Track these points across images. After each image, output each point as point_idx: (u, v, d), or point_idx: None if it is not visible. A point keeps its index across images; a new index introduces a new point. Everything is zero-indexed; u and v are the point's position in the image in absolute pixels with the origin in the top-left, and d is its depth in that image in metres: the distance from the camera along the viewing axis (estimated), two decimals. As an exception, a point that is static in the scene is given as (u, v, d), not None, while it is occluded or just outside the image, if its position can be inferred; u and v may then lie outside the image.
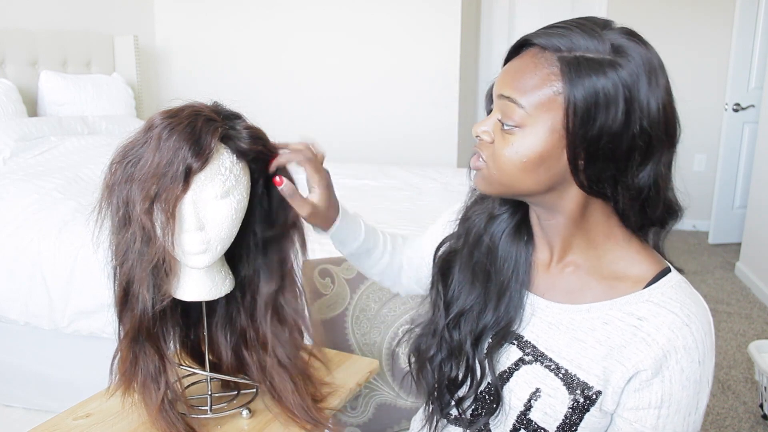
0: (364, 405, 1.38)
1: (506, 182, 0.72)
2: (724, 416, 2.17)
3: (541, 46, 0.68)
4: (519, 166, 0.69)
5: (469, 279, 0.84)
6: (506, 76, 0.70)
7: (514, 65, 0.70)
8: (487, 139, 0.72)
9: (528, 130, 0.68)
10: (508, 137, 0.69)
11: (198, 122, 0.78)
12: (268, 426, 0.94)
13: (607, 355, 0.72)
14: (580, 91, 0.64)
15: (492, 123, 0.72)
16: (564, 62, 0.65)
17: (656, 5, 4.23)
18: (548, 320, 0.78)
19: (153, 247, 0.80)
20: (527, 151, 0.68)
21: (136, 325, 0.84)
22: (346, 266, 1.44)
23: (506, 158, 0.70)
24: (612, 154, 0.67)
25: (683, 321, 0.69)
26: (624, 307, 0.72)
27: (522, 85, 0.68)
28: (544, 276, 0.81)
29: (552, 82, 0.66)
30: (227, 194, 0.82)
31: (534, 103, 0.67)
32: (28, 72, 2.94)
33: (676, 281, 0.73)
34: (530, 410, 0.75)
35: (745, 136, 3.97)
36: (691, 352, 0.69)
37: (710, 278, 3.55)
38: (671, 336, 0.69)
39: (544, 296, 0.80)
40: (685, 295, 0.71)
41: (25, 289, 1.95)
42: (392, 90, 3.73)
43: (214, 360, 1.00)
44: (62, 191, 2.16)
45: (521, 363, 0.78)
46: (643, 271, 0.74)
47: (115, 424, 0.92)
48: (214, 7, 3.85)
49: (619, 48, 0.65)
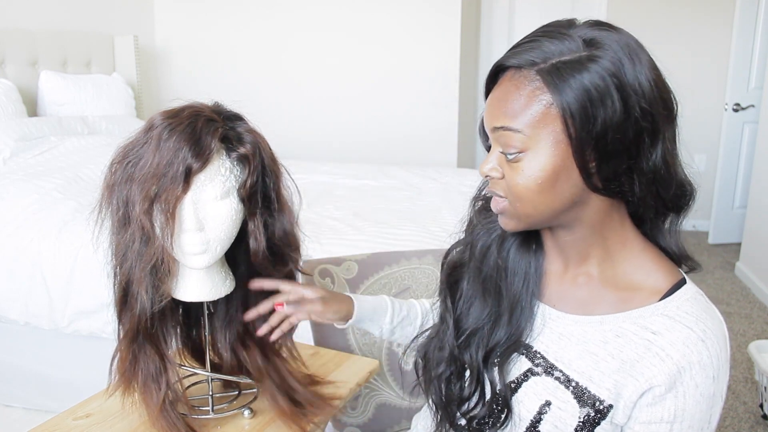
0: (364, 405, 1.38)
1: (530, 211, 0.70)
2: (724, 416, 2.17)
3: (516, 67, 0.67)
4: (536, 189, 0.67)
5: (479, 294, 0.82)
6: (492, 107, 0.69)
7: (496, 94, 0.69)
8: (497, 176, 0.70)
9: (532, 151, 0.66)
10: (516, 166, 0.68)
11: (198, 123, 0.78)
12: (269, 426, 0.94)
13: (619, 368, 0.70)
14: (569, 95, 0.63)
15: (495, 158, 0.70)
16: (544, 73, 0.64)
17: (656, 5, 4.23)
18: (559, 331, 0.77)
19: (152, 248, 0.80)
20: (539, 172, 0.66)
21: (135, 325, 0.84)
22: (346, 266, 1.44)
23: (522, 186, 0.68)
24: (622, 145, 0.65)
25: (699, 336, 0.67)
26: (638, 320, 0.71)
27: (511, 110, 0.66)
28: (556, 286, 0.79)
29: (539, 96, 0.65)
30: (227, 195, 0.82)
31: (529, 124, 0.65)
32: (28, 72, 2.94)
33: (691, 294, 0.71)
34: (540, 422, 0.74)
35: (745, 136, 3.97)
36: (706, 368, 0.67)
37: (710, 278, 3.55)
38: (686, 352, 0.67)
39: (556, 306, 0.78)
40: (701, 310, 0.70)
41: (25, 289, 1.95)
42: (392, 90, 3.73)
43: (216, 360, 1.00)
44: (62, 191, 2.16)
45: (530, 374, 0.77)
46: (659, 283, 0.72)
47: (115, 424, 0.92)
48: (214, 7, 3.85)
49: (591, 41, 0.64)
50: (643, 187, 0.68)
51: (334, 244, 1.81)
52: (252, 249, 0.88)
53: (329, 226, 2.04)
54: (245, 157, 0.83)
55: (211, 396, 0.97)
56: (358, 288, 1.43)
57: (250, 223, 0.87)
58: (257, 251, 0.88)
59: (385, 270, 1.41)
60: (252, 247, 0.88)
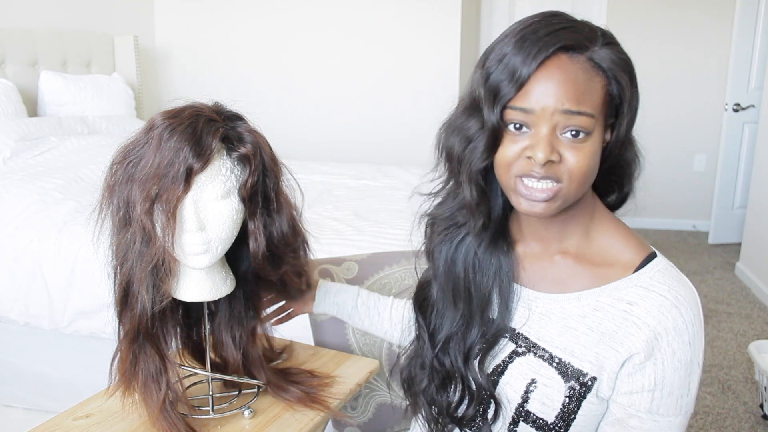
0: (364, 405, 1.38)
1: (579, 192, 0.71)
2: (724, 416, 2.17)
3: (567, 50, 0.68)
4: (594, 169, 0.71)
5: (450, 302, 0.84)
6: (561, 88, 0.67)
7: (559, 76, 0.67)
8: (557, 159, 0.69)
9: (595, 133, 0.69)
10: (581, 147, 0.68)
11: (199, 123, 0.78)
12: (269, 426, 0.94)
13: (599, 341, 0.73)
14: (619, 75, 0.69)
15: (552, 141, 0.68)
16: (597, 59, 0.68)
17: (656, 5, 4.23)
18: (539, 311, 0.79)
19: (153, 248, 0.80)
20: (596, 154, 0.70)
21: (135, 325, 0.84)
22: (347, 266, 1.44)
23: (587, 167, 0.69)
24: (628, 118, 0.72)
25: (672, 303, 0.70)
26: (613, 293, 0.74)
27: (584, 93, 0.67)
28: (533, 267, 0.81)
29: (597, 80, 0.68)
30: (228, 195, 0.82)
31: (596, 107, 0.68)
32: (28, 72, 2.94)
33: (663, 265, 0.74)
34: (527, 402, 0.76)
35: (745, 136, 3.97)
36: (681, 333, 0.70)
37: (710, 278, 3.55)
38: (661, 318, 0.70)
39: (535, 287, 0.80)
40: (672, 279, 0.73)
41: (25, 289, 1.95)
42: (392, 90, 3.73)
43: (217, 360, 1.00)
44: (62, 191, 2.16)
45: (515, 355, 0.79)
46: (631, 257, 0.75)
47: (115, 424, 0.92)
48: (214, 7, 3.85)
49: (603, 33, 0.70)
50: (622, 156, 0.75)
51: (334, 244, 1.81)
52: (252, 250, 0.88)
53: (329, 226, 2.04)
54: (246, 157, 0.83)
55: (211, 396, 0.97)
56: (359, 288, 1.43)
57: (250, 224, 0.87)
58: (257, 252, 0.88)
59: (385, 270, 1.41)
60: (252, 248, 0.88)
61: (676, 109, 4.30)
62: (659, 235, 4.38)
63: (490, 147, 0.72)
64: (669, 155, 4.39)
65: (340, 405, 1.03)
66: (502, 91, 0.68)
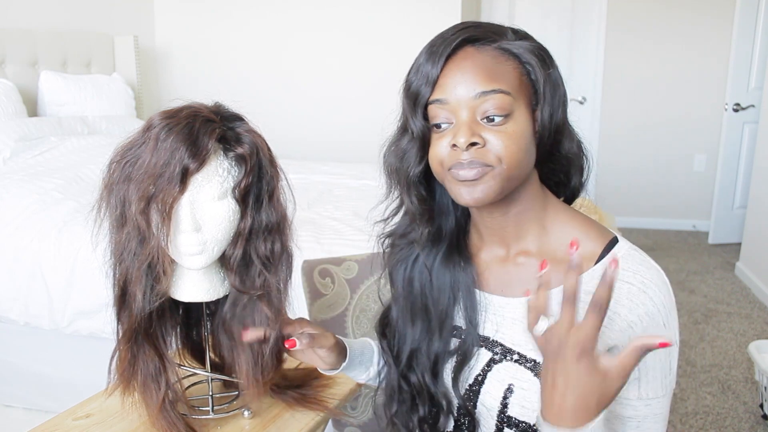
0: (364, 405, 1.38)
1: (517, 173, 0.72)
2: (724, 416, 2.17)
3: (474, 42, 0.72)
4: (524, 149, 0.71)
5: (408, 320, 0.85)
6: (472, 74, 0.70)
7: (467, 64, 0.71)
8: (481, 143, 0.70)
9: (516, 113, 0.71)
10: (503, 128, 0.70)
11: (196, 123, 0.78)
12: (269, 426, 0.94)
13: None
14: (531, 59, 0.72)
15: (472, 126, 0.70)
16: (507, 46, 0.72)
17: (656, 5, 4.23)
18: (510, 316, 0.79)
19: (147, 247, 0.79)
20: (524, 132, 0.71)
21: (133, 324, 0.84)
22: (346, 266, 1.44)
23: (515, 148, 0.70)
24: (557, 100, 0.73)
25: (639, 288, 0.70)
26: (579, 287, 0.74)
27: (498, 74, 0.70)
28: (499, 273, 0.81)
29: (510, 63, 0.71)
30: (225, 195, 0.82)
31: (514, 86, 0.70)
32: (28, 72, 2.94)
33: (625, 250, 0.74)
34: (507, 407, 0.76)
35: (745, 136, 3.97)
36: (654, 317, 0.70)
37: (710, 278, 3.55)
38: (631, 306, 0.70)
39: (503, 293, 0.81)
40: (636, 263, 0.73)
41: (25, 289, 1.96)
42: (392, 90, 3.70)
43: (217, 360, 1.00)
44: (62, 191, 2.16)
45: (492, 363, 0.79)
46: (592, 247, 0.75)
47: (115, 424, 0.92)
48: (214, 7, 3.85)
49: (515, 30, 0.74)
50: (561, 144, 0.76)
51: (334, 244, 1.81)
52: (226, 253, 0.86)
53: (329, 226, 2.04)
54: (242, 157, 0.82)
55: (211, 396, 0.97)
56: (358, 288, 1.43)
57: (239, 224, 0.85)
58: (230, 257, 0.85)
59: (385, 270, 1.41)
60: (227, 252, 0.86)
61: (676, 109, 4.30)
62: (659, 235, 4.38)
63: (421, 151, 0.75)
64: (669, 155, 4.39)
65: (340, 405, 1.03)
66: (420, 94, 0.73)
